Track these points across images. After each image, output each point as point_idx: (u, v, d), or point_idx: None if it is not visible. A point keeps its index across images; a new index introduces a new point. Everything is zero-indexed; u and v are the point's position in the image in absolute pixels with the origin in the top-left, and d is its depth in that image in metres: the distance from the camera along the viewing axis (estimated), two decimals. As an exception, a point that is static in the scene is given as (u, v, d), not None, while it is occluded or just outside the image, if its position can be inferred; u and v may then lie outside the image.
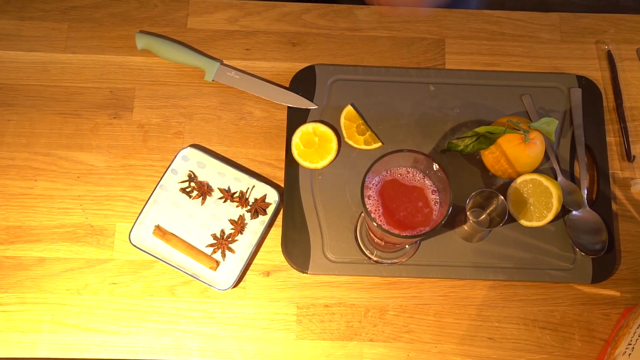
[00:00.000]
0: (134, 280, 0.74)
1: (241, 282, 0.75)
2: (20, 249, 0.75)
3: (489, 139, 0.73)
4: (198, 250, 0.75)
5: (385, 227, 0.60)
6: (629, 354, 0.66)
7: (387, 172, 0.63)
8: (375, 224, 0.57)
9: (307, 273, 0.74)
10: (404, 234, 0.60)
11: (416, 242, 0.75)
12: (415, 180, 0.62)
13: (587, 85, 0.81)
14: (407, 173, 0.63)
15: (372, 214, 0.60)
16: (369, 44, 0.84)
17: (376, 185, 0.62)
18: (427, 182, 0.62)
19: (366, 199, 0.61)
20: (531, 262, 0.74)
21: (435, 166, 0.59)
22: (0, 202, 0.77)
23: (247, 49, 0.84)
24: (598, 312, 0.74)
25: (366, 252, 0.75)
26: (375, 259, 0.74)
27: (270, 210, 0.76)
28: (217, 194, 0.77)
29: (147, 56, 0.83)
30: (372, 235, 0.68)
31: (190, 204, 0.77)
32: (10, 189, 0.77)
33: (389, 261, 0.74)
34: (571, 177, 0.78)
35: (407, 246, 0.74)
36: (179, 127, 0.80)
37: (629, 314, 0.71)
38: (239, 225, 0.76)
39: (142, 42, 0.82)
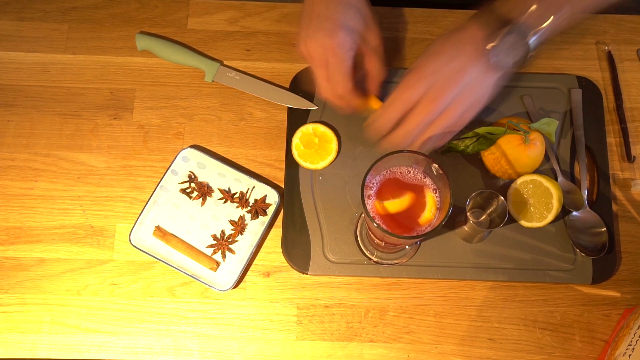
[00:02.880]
0: (134, 281, 0.74)
1: (241, 283, 0.75)
2: (20, 250, 0.75)
3: (489, 140, 0.73)
4: (198, 251, 0.75)
5: (385, 227, 0.60)
6: (629, 355, 0.66)
7: (387, 172, 0.63)
8: (375, 225, 0.57)
9: (307, 274, 0.74)
10: (404, 235, 0.60)
11: (416, 242, 0.75)
12: (415, 181, 0.62)
13: (587, 86, 0.81)
14: (409, 173, 0.63)
15: (372, 214, 0.60)
16: (369, 44, 0.84)
17: (376, 185, 0.62)
18: (427, 182, 0.62)
19: (366, 199, 0.61)
20: (531, 263, 0.74)
21: (435, 167, 0.59)
22: (1, 203, 0.77)
23: (247, 50, 0.84)
24: (598, 312, 0.74)
25: (366, 253, 0.74)
26: (375, 259, 0.74)
27: (270, 211, 0.76)
28: (217, 194, 0.77)
29: (148, 57, 0.83)
30: (372, 235, 0.68)
31: (191, 205, 0.77)
32: (11, 189, 0.77)
33: (389, 262, 0.74)
34: (571, 177, 0.78)
35: (407, 247, 0.74)
36: (179, 128, 0.80)
37: (629, 314, 0.71)
38: (239, 226, 0.76)
39: (142, 42, 0.82)
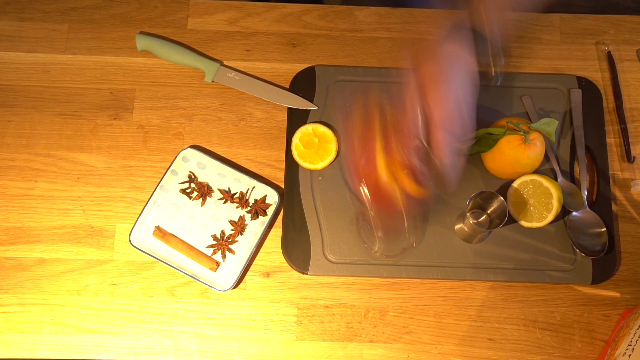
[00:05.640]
0: (134, 281, 0.74)
1: (241, 283, 0.75)
2: (20, 250, 0.75)
3: (489, 140, 0.73)
4: (198, 251, 0.75)
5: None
6: (629, 355, 0.66)
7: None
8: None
9: (307, 274, 0.74)
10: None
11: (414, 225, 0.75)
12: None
13: (587, 86, 0.81)
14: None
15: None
16: (369, 45, 0.84)
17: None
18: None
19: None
20: (531, 263, 0.74)
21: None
22: (1, 203, 0.77)
23: (247, 50, 0.84)
24: (598, 313, 0.74)
25: (367, 244, 0.74)
26: (376, 250, 0.74)
27: (270, 211, 0.76)
28: (217, 194, 0.77)
29: (148, 57, 0.83)
30: (369, 218, 0.67)
31: (191, 205, 0.77)
32: (11, 190, 0.77)
33: (391, 255, 0.74)
34: (571, 178, 0.78)
35: (407, 234, 0.74)
36: (179, 128, 0.80)
37: (629, 314, 0.71)
38: (239, 226, 0.76)
39: (142, 43, 0.82)
